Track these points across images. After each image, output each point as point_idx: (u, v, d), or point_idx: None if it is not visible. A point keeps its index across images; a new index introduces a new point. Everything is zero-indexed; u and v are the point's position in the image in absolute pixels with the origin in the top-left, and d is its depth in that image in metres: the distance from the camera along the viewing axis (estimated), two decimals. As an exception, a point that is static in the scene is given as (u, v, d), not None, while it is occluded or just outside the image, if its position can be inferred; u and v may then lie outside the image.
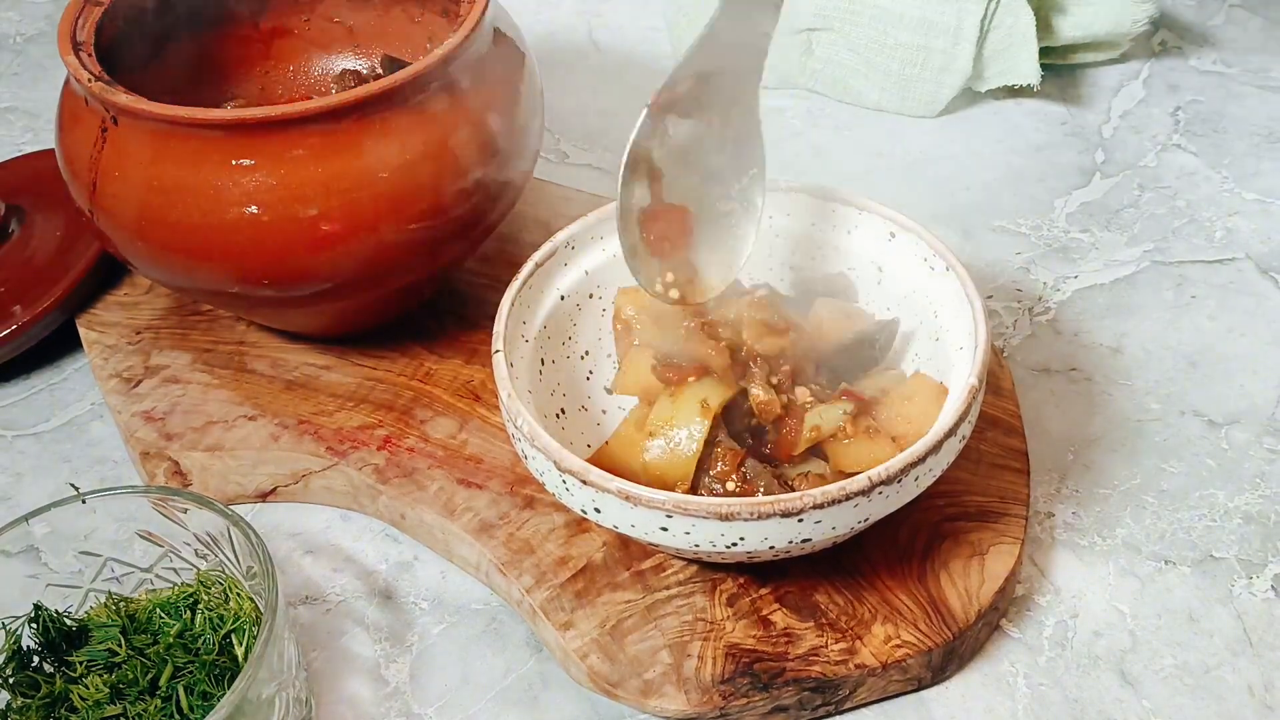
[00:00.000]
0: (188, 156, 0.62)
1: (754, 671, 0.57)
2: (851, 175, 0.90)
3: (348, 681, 0.61)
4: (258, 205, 0.61)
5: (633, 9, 1.09)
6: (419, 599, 0.64)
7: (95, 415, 0.76)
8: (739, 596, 0.60)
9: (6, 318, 0.76)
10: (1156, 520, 0.65)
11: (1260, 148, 0.90)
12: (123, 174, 0.63)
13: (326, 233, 0.62)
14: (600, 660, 0.58)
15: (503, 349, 0.60)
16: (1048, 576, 0.63)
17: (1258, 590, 0.62)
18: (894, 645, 0.57)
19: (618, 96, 0.99)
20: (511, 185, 0.69)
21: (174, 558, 0.60)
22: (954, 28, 0.92)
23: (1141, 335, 0.76)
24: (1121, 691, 0.58)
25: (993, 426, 0.67)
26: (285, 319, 0.72)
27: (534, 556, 0.62)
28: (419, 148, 0.63)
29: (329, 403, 0.71)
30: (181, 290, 0.69)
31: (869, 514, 0.54)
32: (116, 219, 0.64)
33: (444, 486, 0.66)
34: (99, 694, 0.55)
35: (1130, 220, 0.85)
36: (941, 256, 0.63)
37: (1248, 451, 0.69)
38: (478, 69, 0.67)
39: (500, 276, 0.70)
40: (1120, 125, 0.94)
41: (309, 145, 0.61)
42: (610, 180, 0.91)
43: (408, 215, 0.64)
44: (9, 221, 0.81)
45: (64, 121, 0.67)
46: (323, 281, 0.64)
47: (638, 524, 0.54)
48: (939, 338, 0.63)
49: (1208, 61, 1.00)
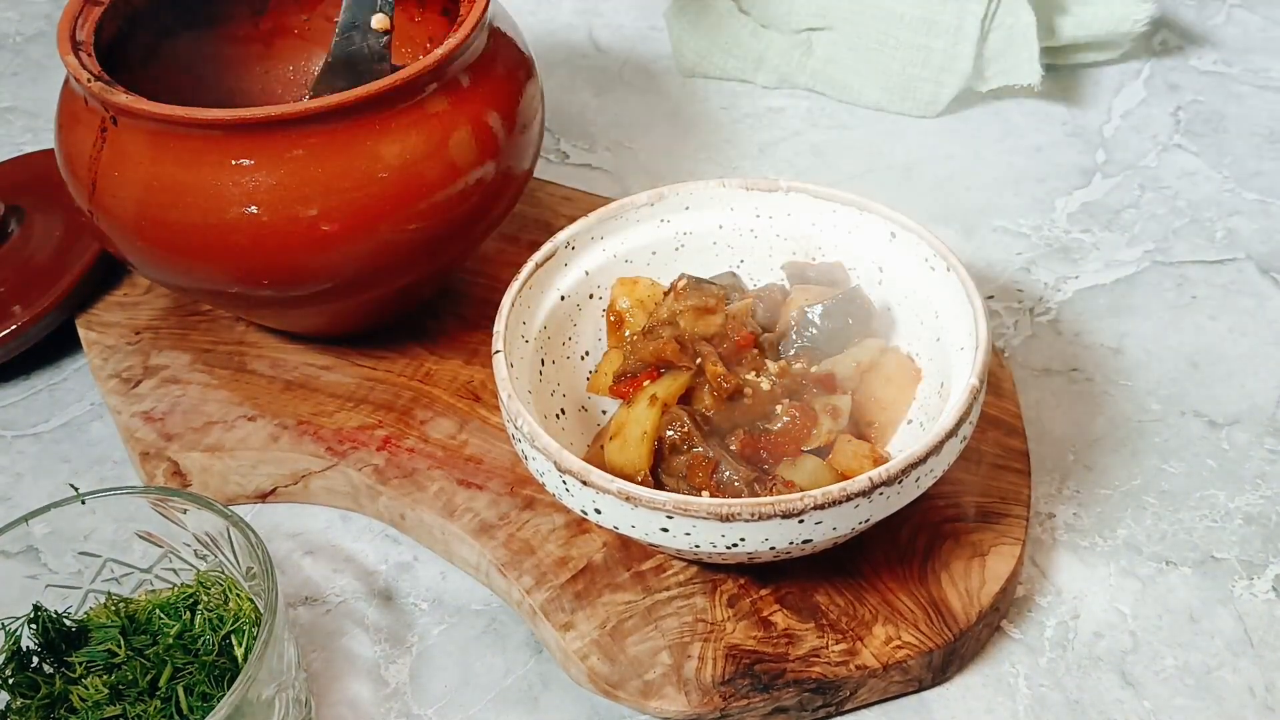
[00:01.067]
0: (187, 156, 0.61)
1: (754, 672, 0.57)
2: (851, 175, 0.90)
3: (348, 682, 0.61)
4: (257, 205, 0.61)
5: (633, 9, 1.09)
6: (419, 600, 0.64)
7: (95, 415, 0.76)
8: (739, 597, 0.60)
9: (6, 318, 0.76)
10: (1157, 521, 0.65)
11: (1261, 148, 0.90)
12: (122, 174, 0.63)
13: (326, 232, 0.62)
14: (600, 661, 0.58)
15: (503, 349, 0.60)
16: (1049, 577, 0.63)
17: (1258, 591, 0.62)
18: (895, 646, 0.57)
19: (618, 96, 0.99)
20: (512, 185, 0.69)
21: (173, 558, 0.60)
22: (954, 27, 0.91)
23: (1142, 335, 0.76)
24: (1122, 692, 0.58)
25: (993, 427, 0.67)
26: (285, 319, 0.72)
27: (534, 557, 0.62)
28: (419, 147, 0.63)
29: (329, 403, 0.71)
30: (181, 290, 0.69)
31: (870, 515, 0.54)
32: (116, 219, 0.64)
33: (444, 487, 0.66)
34: (98, 695, 0.55)
35: (1131, 220, 0.85)
36: (942, 256, 0.63)
37: (1248, 452, 0.69)
38: (477, 68, 0.67)
39: (500, 276, 0.70)
40: (1121, 125, 0.93)
41: (308, 145, 0.61)
42: (610, 180, 0.91)
43: (408, 215, 0.64)
44: (8, 221, 0.81)
45: (63, 121, 0.67)
46: (323, 281, 0.64)
47: (638, 525, 0.54)
48: (939, 338, 0.63)
49: (1208, 61, 1.00)
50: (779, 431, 0.60)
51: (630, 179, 0.91)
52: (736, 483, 0.57)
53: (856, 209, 0.67)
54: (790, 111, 0.97)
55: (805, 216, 0.68)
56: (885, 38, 0.93)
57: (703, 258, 0.69)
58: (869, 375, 0.63)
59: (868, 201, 0.67)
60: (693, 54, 0.99)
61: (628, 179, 0.91)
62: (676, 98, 0.98)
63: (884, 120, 0.96)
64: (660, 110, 0.97)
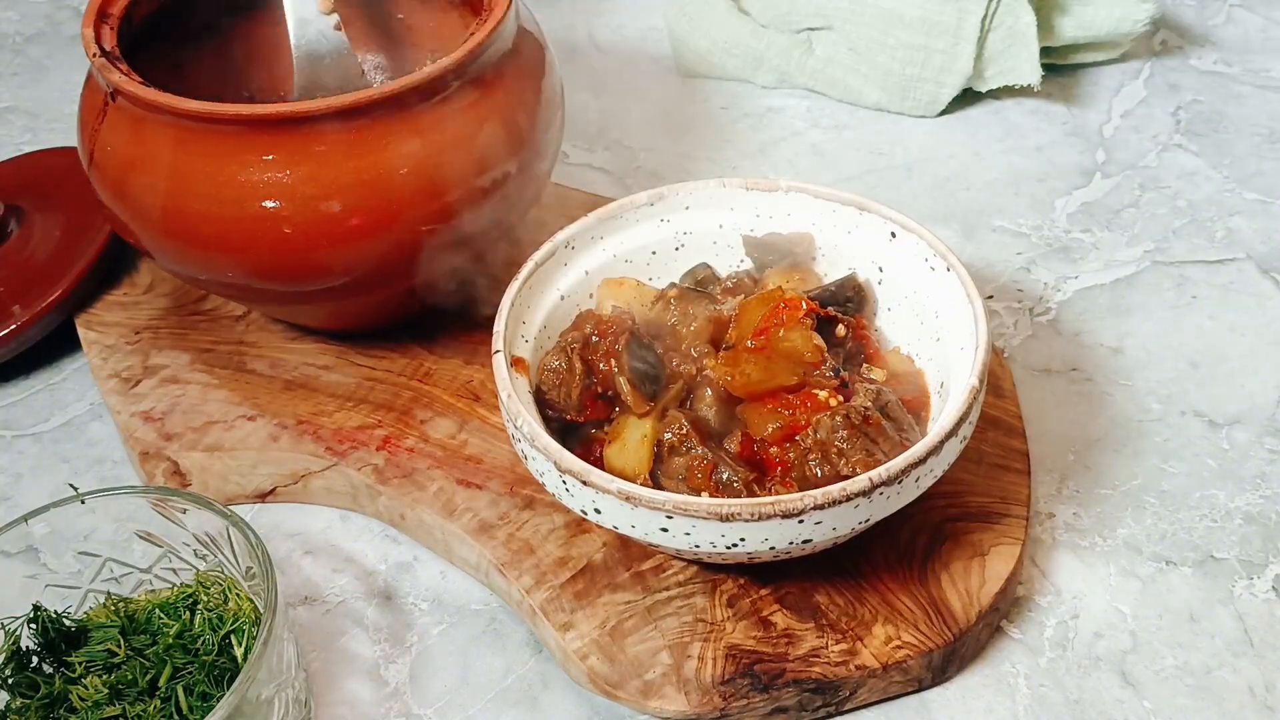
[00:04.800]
0: (211, 150, 0.61)
1: (754, 672, 0.57)
2: (851, 175, 0.90)
3: (347, 682, 0.61)
4: (279, 200, 0.61)
5: (633, 9, 1.09)
6: (419, 599, 0.64)
7: (94, 415, 0.75)
8: (739, 597, 0.60)
9: (6, 318, 0.76)
10: (1157, 521, 0.65)
11: (1260, 148, 0.90)
12: (144, 165, 0.63)
13: (348, 228, 0.62)
14: (600, 661, 0.58)
15: (503, 349, 0.60)
16: (1049, 577, 0.63)
17: (1258, 591, 0.62)
18: (895, 646, 0.57)
19: (618, 96, 0.99)
20: (533, 183, 0.69)
21: (173, 558, 0.60)
22: (954, 28, 0.91)
23: (1142, 335, 0.76)
24: (1122, 692, 0.58)
25: (993, 427, 0.67)
26: (298, 313, 0.72)
27: (534, 557, 0.62)
28: (442, 145, 0.63)
29: (328, 403, 0.71)
30: (197, 282, 0.68)
31: (870, 515, 0.54)
32: (139, 209, 0.64)
33: (444, 487, 0.66)
34: (98, 694, 0.55)
35: (1131, 220, 0.85)
36: (942, 256, 0.63)
37: (1248, 452, 0.69)
38: (501, 66, 0.66)
39: (500, 276, 0.70)
40: (1121, 125, 0.93)
41: (331, 141, 0.61)
42: (610, 180, 0.91)
43: (429, 212, 0.63)
44: (8, 221, 0.81)
45: (85, 115, 0.67)
46: (341, 276, 0.64)
47: (638, 525, 0.54)
48: (939, 338, 0.63)
49: (1208, 61, 1.00)
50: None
51: (630, 179, 0.91)
52: (735, 484, 0.57)
53: (856, 209, 0.67)
54: (790, 111, 0.97)
55: (805, 216, 0.68)
56: (885, 38, 0.93)
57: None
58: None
59: (868, 201, 0.67)
60: (693, 54, 0.99)
61: (628, 179, 0.91)
62: (676, 98, 0.98)
63: (884, 120, 0.96)
64: (660, 110, 0.97)
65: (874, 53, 0.94)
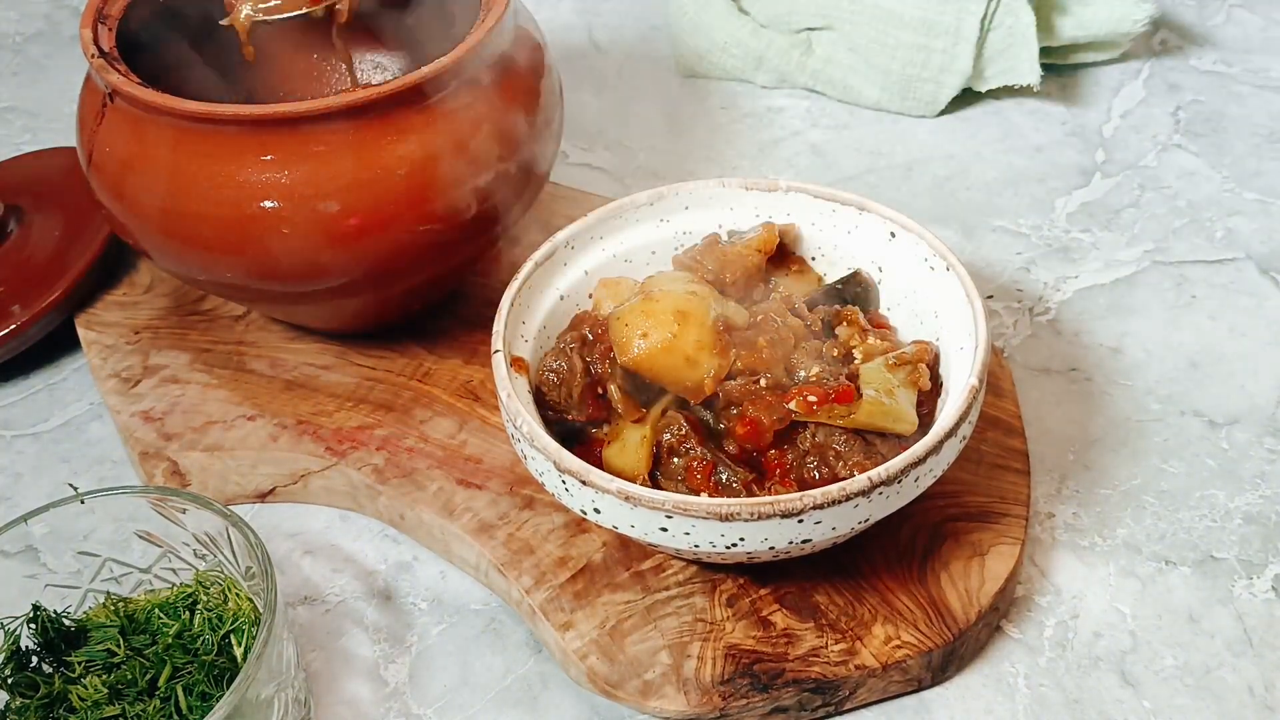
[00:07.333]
0: (210, 150, 0.61)
1: (754, 672, 0.57)
2: (851, 175, 0.90)
3: (347, 682, 0.61)
4: (278, 200, 0.61)
5: (633, 9, 1.09)
6: (418, 599, 0.64)
7: (94, 415, 0.75)
8: (739, 597, 0.60)
9: (5, 318, 0.76)
10: (1157, 521, 0.65)
11: (1260, 148, 0.90)
12: (145, 165, 0.63)
13: (346, 228, 0.62)
14: (600, 661, 0.58)
15: (503, 349, 0.60)
16: (1048, 577, 0.63)
17: (1258, 591, 0.62)
18: (894, 646, 0.57)
19: (618, 96, 0.99)
20: (531, 183, 0.69)
21: (173, 558, 0.60)
22: (954, 28, 0.91)
23: (1142, 335, 0.76)
24: (1122, 692, 0.58)
25: (993, 427, 0.67)
26: (297, 313, 0.72)
27: (533, 557, 0.62)
28: (440, 145, 0.63)
29: (328, 403, 0.71)
30: (195, 283, 0.68)
31: (869, 514, 0.54)
32: (138, 210, 0.64)
33: (443, 487, 0.66)
34: (98, 694, 0.55)
35: (1131, 220, 0.85)
36: (942, 256, 0.63)
37: (1248, 452, 0.69)
38: (499, 66, 0.66)
39: (500, 276, 0.70)
40: (1121, 125, 0.93)
41: (329, 141, 0.61)
42: (610, 180, 0.91)
43: (427, 213, 0.63)
44: (8, 221, 0.81)
45: (83, 116, 0.67)
46: (340, 277, 0.64)
47: (637, 524, 0.54)
48: (939, 338, 0.63)
49: (1208, 61, 1.00)
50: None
51: (630, 179, 0.91)
52: (734, 484, 0.57)
53: (856, 209, 0.67)
54: (790, 111, 0.97)
55: (805, 216, 0.68)
56: (885, 38, 0.93)
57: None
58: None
59: (868, 201, 0.67)
60: (692, 54, 0.99)
61: (628, 179, 0.91)
62: (676, 98, 0.98)
63: (884, 120, 0.96)
64: (660, 110, 0.97)
65: (874, 53, 0.94)
